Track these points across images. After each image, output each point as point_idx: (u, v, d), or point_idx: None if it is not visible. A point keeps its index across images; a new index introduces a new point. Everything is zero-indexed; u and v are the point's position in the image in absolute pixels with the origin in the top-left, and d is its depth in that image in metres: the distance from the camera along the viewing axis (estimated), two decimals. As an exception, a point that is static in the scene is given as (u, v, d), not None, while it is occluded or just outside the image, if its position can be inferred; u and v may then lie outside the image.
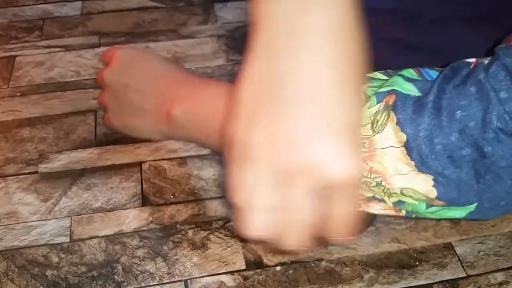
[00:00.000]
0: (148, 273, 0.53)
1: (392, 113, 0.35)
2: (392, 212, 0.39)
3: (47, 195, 0.61)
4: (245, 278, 0.53)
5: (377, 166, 0.36)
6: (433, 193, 0.35)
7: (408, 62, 0.69)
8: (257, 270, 0.54)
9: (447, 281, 0.53)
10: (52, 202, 0.60)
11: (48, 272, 0.54)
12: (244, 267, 0.54)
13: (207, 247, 0.56)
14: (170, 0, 0.90)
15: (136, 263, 0.54)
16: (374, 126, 0.36)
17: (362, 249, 0.55)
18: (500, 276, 0.53)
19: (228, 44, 0.81)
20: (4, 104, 0.72)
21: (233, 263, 0.54)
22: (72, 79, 0.76)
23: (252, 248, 0.56)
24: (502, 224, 0.58)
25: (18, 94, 0.73)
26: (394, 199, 0.37)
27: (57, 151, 0.66)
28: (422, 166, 0.35)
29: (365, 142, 0.36)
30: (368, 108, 0.36)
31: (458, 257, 0.55)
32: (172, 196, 0.61)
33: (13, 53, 0.80)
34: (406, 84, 0.36)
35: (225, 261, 0.54)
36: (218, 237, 0.57)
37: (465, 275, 0.53)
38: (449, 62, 0.64)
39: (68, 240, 0.56)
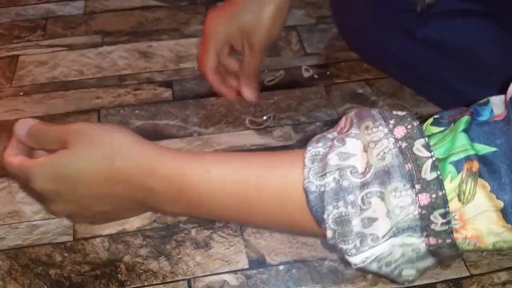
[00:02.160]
0: (151, 272, 0.54)
1: (481, 181, 0.34)
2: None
3: (50, 194, 0.61)
4: (248, 277, 0.53)
5: (471, 232, 0.35)
6: None
7: (412, 58, 0.69)
8: (260, 269, 0.54)
9: (450, 280, 0.53)
10: (55, 201, 0.60)
11: (52, 271, 0.54)
12: (247, 266, 0.54)
13: (210, 246, 0.56)
14: (173, -1, 0.91)
15: (139, 262, 0.54)
16: (462, 198, 0.35)
17: (365, 248, 0.55)
18: (503, 276, 0.53)
19: (231, 43, 0.80)
20: (7, 103, 0.72)
21: (236, 262, 0.54)
22: (75, 79, 0.76)
23: (255, 247, 0.56)
24: (505, 224, 0.57)
25: (21, 93, 0.73)
26: (483, 249, 0.37)
27: (60, 150, 0.66)
28: None
29: (454, 215, 0.35)
30: (450, 182, 0.35)
31: (461, 256, 0.54)
32: (175, 195, 0.61)
33: (16, 53, 0.80)
34: (476, 145, 0.35)
35: (228, 260, 0.55)
36: (221, 236, 0.57)
37: (468, 274, 0.53)
38: (458, 59, 0.64)
39: (72, 239, 0.56)
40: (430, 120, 0.38)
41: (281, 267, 0.54)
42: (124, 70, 0.77)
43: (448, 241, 0.36)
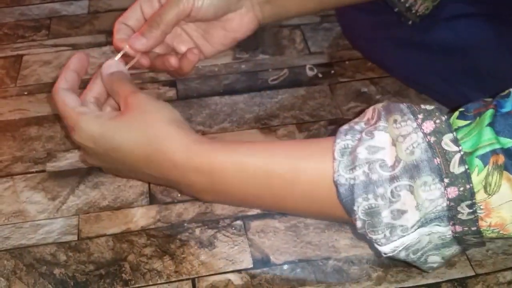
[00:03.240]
0: (155, 272, 0.54)
1: (506, 173, 0.36)
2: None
3: (54, 193, 0.61)
4: (253, 277, 0.53)
5: (495, 220, 0.37)
6: None
7: (414, 60, 0.69)
8: (265, 269, 0.54)
9: (455, 279, 0.52)
10: (60, 201, 0.60)
11: (56, 271, 0.54)
12: (251, 266, 0.54)
13: (214, 245, 0.56)
14: (177, -2, 0.90)
15: (144, 262, 0.54)
16: (488, 189, 0.36)
17: (370, 247, 0.55)
18: (509, 275, 0.53)
19: (235, 42, 0.80)
20: (11, 103, 0.72)
21: (240, 261, 0.54)
22: (79, 78, 0.76)
23: (260, 247, 0.56)
24: (511, 223, 0.57)
25: (26, 93, 0.74)
26: (506, 236, 0.39)
27: (65, 149, 0.66)
28: None
29: (480, 205, 0.37)
30: (477, 175, 0.36)
31: (466, 255, 0.54)
32: (179, 195, 0.61)
33: (20, 52, 0.80)
34: (502, 139, 0.36)
35: (232, 260, 0.54)
36: (225, 235, 0.57)
37: (473, 274, 0.53)
38: (457, 59, 0.64)
39: (76, 239, 0.57)
40: (456, 113, 0.39)
41: (285, 267, 0.54)
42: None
43: (474, 228, 0.38)
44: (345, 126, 0.42)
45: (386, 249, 0.40)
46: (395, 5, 0.62)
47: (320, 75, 0.76)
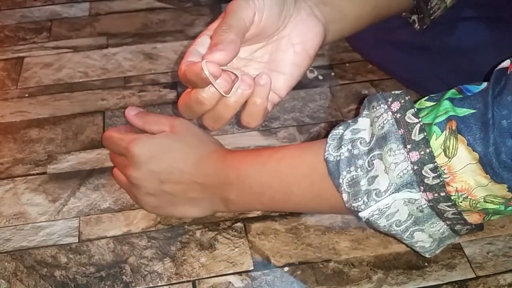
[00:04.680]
0: (156, 274, 0.54)
1: (460, 136, 0.40)
2: (477, 216, 0.45)
3: (55, 195, 0.61)
4: (253, 279, 0.53)
5: (460, 185, 0.41)
6: (510, 195, 0.41)
7: (415, 62, 0.69)
8: (265, 271, 0.54)
9: (456, 282, 0.52)
10: (61, 203, 0.60)
11: (57, 273, 0.54)
12: (251, 268, 0.54)
13: (214, 247, 0.56)
14: (177, 0, 0.91)
15: (144, 264, 0.54)
16: (447, 153, 0.41)
17: (370, 250, 0.55)
18: (509, 277, 0.53)
19: (236, 45, 0.80)
20: (12, 105, 0.72)
21: (240, 263, 0.54)
22: (80, 80, 0.76)
23: (260, 249, 0.56)
24: (511, 225, 0.57)
25: (27, 95, 0.74)
26: (479, 207, 0.42)
27: (66, 151, 0.66)
28: (497, 177, 0.40)
29: (444, 169, 0.41)
30: (436, 140, 0.41)
31: (467, 258, 0.54)
32: (180, 197, 0.61)
33: (21, 54, 0.80)
34: (458, 109, 0.41)
35: (232, 262, 0.55)
36: (225, 237, 0.57)
37: (474, 276, 0.53)
38: (457, 62, 0.64)
39: (77, 241, 0.57)
40: (426, 97, 0.45)
41: (286, 269, 0.54)
42: (129, 71, 0.77)
43: (442, 194, 0.42)
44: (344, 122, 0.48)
45: (364, 213, 0.44)
46: (422, 11, 0.61)
47: (320, 77, 0.76)
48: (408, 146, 0.42)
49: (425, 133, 0.42)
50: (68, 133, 0.68)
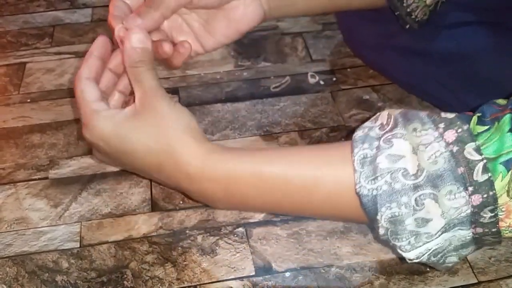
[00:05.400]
0: (157, 279, 0.54)
1: None
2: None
3: (57, 200, 0.61)
4: (255, 284, 0.53)
5: None
6: None
7: (416, 67, 0.69)
8: (267, 276, 0.54)
9: (458, 287, 0.52)
10: (62, 208, 0.60)
11: (58, 278, 0.54)
12: (253, 273, 0.54)
13: (216, 252, 0.56)
14: (179, 6, 0.91)
15: (146, 269, 0.54)
16: (510, 193, 0.37)
17: (372, 255, 0.55)
18: (511, 283, 0.52)
19: (237, 50, 0.81)
20: (14, 110, 0.72)
21: (242, 268, 0.54)
22: (82, 85, 0.76)
23: (262, 254, 0.56)
24: (513, 230, 0.57)
25: (29, 100, 0.74)
26: None
27: (68, 157, 0.66)
28: None
29: (502, 208, 0.38)
30: (501, 181, 0.37)
31: (469, 263, 0.54)
32: (181, 202, 0.61)
33: (23, 60, 0.80)
34: None
35: (234, 267, 0.54)
36: (227, 242, 0.57)
37: (476, 281, 0.53)
38: (458, 66, 0.64)
39: (78, 246, 0.57)
40: (475, 119, 0.40)
41: (287, 274, 0.54)
42: (130, 77, 0.77)
43: (494, 229, 0.39)
44: (359, 133, 0.42)
45: (411, 255, 0.40)
46: (396, 9, 0.62)
47: (322, 83, 0.76)
48: (470, 189, 0.37)
49: (489, 174, 0.37)
50: (70, 138, 0.68)
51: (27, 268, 0.55)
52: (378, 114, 0.43)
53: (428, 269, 0.54)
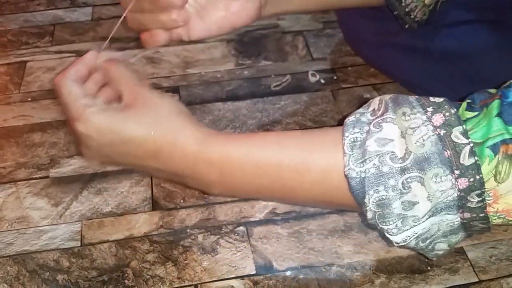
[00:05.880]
0: (158, 278, 0.54)
1: None
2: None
3: (58, 199, 0.61)
4: (255, 283, 0.53)
5: (502, 206, 0.38)
6: None
7: (416, 66, 0.69)
8: (267, 275, 0.54)
9: (459, 286, 0.52)
10: (63, 207, 0.60)
11: (59, 277, 0.54)
12: (254, 272, 0.54)
13: (217, 251, 0.56)
14: (180, 5, 0.91)
15: (147, 268, 0.54)
16: (498, 178, 0.37)
17: (373, 253, 0.55)
18: (512, 281, 0.53)
19: (238, 49, 0.81)
20: (15, 109, 0.72)
21: (243, 267, 0.54)
22: (82, 84, 0.76)
23: (262, 253, 0.56)
24: (514, 229, 0.57)
25: (29, 99, 0.74)
26: (511, 223, 0.40)
27: (68, 156, 0.66)
28: None
29: (489, 193, 0.38)
30: (488, 165, 0.37)
31: (470, 262, 0.54)
32: (182, 201, 0.61)
33: (24, 59, 0.80)
34: (511, 128, 0.37)
35: (235, 266, 0.54)
36: (228, 241, 0.57)
37: (477, 280, 0.53)
38: (458, 65, 0.64)
39: (79, 245, 0.57)
40: (464, 105, 0.40)
41: (288, 273, 0.54)
42: (131, 75, 0.77)
43: (481, 215, 0.39)
44: (351, 118, 0.42)
45: (397, 238, 0.40)
46: (395, 9, 0.62)
47: (322, 81, 0.76)
48: (456, 172, 0.38)
49: (476, 158, 0.37)
50: (71, 137, 0.68)
51: (28, 267, 0.55)
52: (370, 100, 0.43)
53: (429, 267, 0.54)
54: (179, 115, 0.46)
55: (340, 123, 0.69)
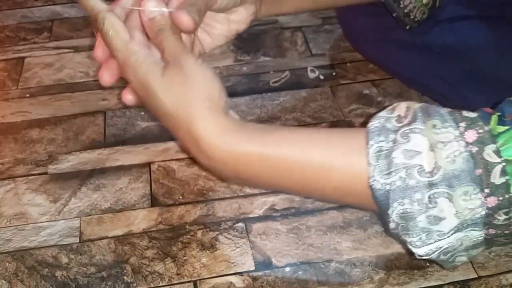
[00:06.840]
0: (157, 274, 0.53)
1: None
2: None
3: (56, 196, 0.61)
4: (254, 279, 0.53)
5: None
6: None
7: (416, 62, 0.69)
8: (266, 271, 0.54)
9: (458, 282, 0.52)
10: (62, 203, 0.60)
11: (58, 273, 0.54)
12: (253, 268, 0.54)
13: (216, 247, 0.56)
14: (178, 0, 0.90)
15: (145, 264, 0.54)
16: None
17: (372, 250, 0.55)
18: (511, 277, 0.53)
19: (237, 44, 0.80)
20: (13, 105, 0.72)
21: (242, 264, 0.54)
22: (81, 80, 0.76)
23: (262, 249, 0.56)
24: (513, 225, 0.57)
25: (27, 95, 0.74)
26: None
27: (67, 152, 0.66)
28: None
29: None
30: None
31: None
32: (181, 197, 0.61)
33: (22, 55, 0.80)
34: None
35: (234, 262, 0.54)
36: (227, 237, 0.57)
37: (476, 276, 0.53)
38: (458, 61, 0.64)
39: (78, 241, 0.56)
40: (495, 118, 0.39)
41: (287, 269, 0.54)
42: (129, 71, 0.77)
43: (507, 232, 0.38)
44: (375, 123, 0.40)
45: (421, 251, 0.40)
46: (394, 10, 0.62)
47: (321, 77, 0.76)
48: (486, 191, 0.37)
49: (506, 178, 0.36)
50: (69, 133, 0.68)
51: (27, 264, 0.54)
52: (395, 104, 0.42)
53: (428, 264, 0.54)
54: (206, 98, 0.44)
55: (339, 119, 0.69)
